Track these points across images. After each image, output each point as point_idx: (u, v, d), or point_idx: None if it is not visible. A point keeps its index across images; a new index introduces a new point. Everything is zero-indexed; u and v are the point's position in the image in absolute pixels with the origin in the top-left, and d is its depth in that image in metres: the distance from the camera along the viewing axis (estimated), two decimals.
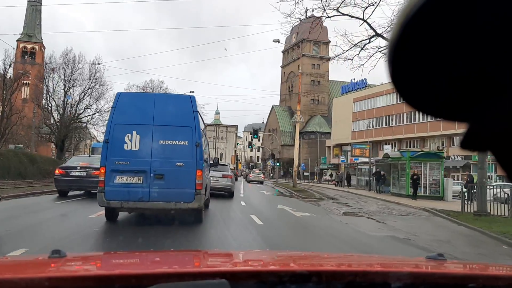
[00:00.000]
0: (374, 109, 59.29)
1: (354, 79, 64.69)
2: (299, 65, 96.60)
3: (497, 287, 1.28)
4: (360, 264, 1.76)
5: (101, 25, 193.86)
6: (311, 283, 1.16)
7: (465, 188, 21.07)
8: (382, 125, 57.69)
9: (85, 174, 13.46)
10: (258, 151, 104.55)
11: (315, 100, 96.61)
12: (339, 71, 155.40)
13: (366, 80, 62.65)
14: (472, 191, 15.60)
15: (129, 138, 7.99)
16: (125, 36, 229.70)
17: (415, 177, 21.91)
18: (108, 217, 8.46)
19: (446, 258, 1.59)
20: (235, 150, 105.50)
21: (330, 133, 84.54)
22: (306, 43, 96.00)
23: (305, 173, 70.09)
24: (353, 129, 64.03)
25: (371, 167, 30.48)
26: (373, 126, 58.78)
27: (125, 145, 7.98)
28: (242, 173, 61.62)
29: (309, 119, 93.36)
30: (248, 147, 73.89)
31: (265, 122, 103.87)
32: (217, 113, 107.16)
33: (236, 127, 49.74)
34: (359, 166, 34.34)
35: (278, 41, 29.93)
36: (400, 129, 53.78)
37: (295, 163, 30.12)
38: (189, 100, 8.38)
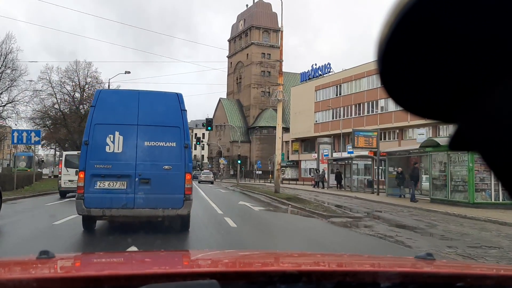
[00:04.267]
0: (341, 97, 52.27)
1: (316, 64, 57.16)
2: (247, 54, 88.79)
3: (485, 286, 1.26)
4: (350, 264, 1.75)
5: (34, 17, 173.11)
6: (301, 283, 1.14)
7: None
8: (351, 115, 50.68)
9: None
10: (203, 149, 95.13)
11: (266, 93, 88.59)
12: (288, 63, 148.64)
13: (330, 64, 55.47)
14: None
15: (111, 140, 7.26)
16: (62, 29, 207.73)
17: None
18: (86, 226, 7.65)
19: (435, 258, 1.57)
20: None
21: (284, 128, 77.28)
22: (254, 30, 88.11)
23: (257, 172, 62.10)
24: (316, 121, 56.70)
25: (376, 162, 22.38)
26: (340, 117, 51.48)
27: (107, 147, 7.26)
28: None
29: (260, 113, 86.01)
30: (197, 144, 64.41)
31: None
32: None
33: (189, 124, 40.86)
34: (354, 161, 26.33)
35: None
36: (374, 118, 46.90)
37: (277, 159, 21.42)
38: (176, 98, 7.59)
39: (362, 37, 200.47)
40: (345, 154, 41.30)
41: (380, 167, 22.78)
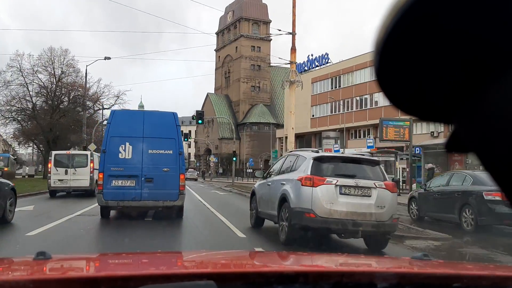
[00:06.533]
0: (341, 90, 48.65)
1: (312, 55, 53.41)
2: (236, 47, 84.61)
3: (481, 286, 1.27)
4: (347, 265, 1.76)
5: (18, 13, 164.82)
6: (298, 283, 1.14)
7: None
8: (352, 109, 47.13)
9: None
10: (190, 147, 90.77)
11: (256, 87, 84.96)
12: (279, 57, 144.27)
13: (327, 55, 51.76)
14: None
15: (123, 149, 9.22)
16: (47, 23, 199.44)
17: None
18: (103, 215, 9.55)
19: (431, 258, 1.56)
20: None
21: (275, 124, 73.71)
22: (244, 22, 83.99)
23: (248, 170, 58.27)
24: (313, 115, 53.09)
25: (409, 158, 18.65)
26: (339, 110, 47.85)
27: (120, 154, 9.20)
28: None
29: (250, 108, 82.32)
30: (184, 140, 60.13)
31: None
32: (141, 106, 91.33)
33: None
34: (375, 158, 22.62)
35: None
36: (378, 112, 43.15)
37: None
38: (172, 116, 9.63)
39: (354, 33, 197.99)
40: (347, 151, 37.90)
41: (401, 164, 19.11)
